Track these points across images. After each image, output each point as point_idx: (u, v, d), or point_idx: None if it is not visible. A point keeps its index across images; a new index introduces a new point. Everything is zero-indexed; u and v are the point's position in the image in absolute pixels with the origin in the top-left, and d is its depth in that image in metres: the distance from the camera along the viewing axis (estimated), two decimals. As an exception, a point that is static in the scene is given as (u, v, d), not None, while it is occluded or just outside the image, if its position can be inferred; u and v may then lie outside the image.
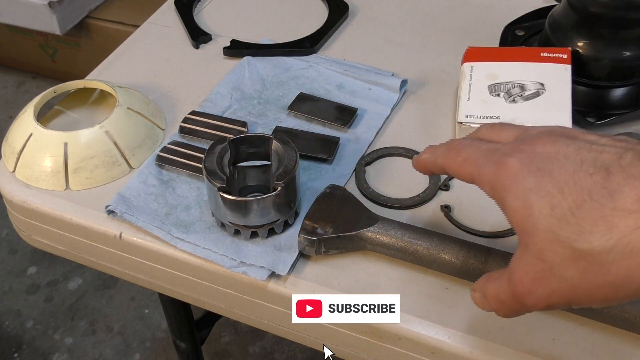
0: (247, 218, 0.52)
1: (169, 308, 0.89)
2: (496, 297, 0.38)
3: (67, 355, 1.39)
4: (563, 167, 0.35)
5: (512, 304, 0.37)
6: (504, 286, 0.37)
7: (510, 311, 0.38)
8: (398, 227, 0.51)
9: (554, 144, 0.36)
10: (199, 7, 0.82)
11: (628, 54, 0.61)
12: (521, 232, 0.36)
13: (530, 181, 0.35)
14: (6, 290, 1.52)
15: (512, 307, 0.38)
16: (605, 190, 0.33)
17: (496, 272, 0.39)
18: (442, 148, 0.43)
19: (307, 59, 0.72)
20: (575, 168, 0.34)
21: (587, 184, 0.33)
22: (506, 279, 0.37)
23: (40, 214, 0.59)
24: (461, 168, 0.40)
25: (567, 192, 0.34)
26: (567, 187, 0.34)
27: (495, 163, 0.37)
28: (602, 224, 0.32)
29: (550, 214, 0.34)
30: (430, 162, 0.44)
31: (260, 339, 1.40)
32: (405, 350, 0.49)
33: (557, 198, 0.34)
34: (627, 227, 0.32)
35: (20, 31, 1.91)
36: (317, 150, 0.61)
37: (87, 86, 0.66)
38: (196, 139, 0.63)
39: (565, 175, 0.34)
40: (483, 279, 0.40)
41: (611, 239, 0.32)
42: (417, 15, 0.80)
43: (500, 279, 0.38)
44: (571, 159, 0.35)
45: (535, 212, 0.34)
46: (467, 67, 0.64)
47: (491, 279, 0.39)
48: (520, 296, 0.36)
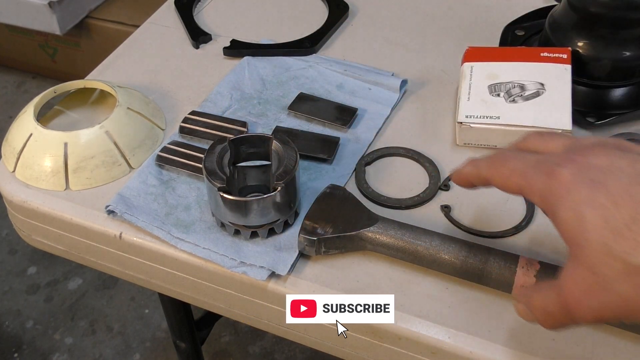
0: (247, 218, 0.52)
1: (169, 308, 0.90)
2: (543, 309, 0.38)
3: (67, 355, 1.39)
4: (617, 179, 0.34)
5: (560, 316, 0.37)
6: (552, 297, 0.37)
7: (557, 323, 0.38)
8: (398, 227, 0.51)
9: (608, 156, 0.36)
10: (199, 7, 0.82)
11: (628, 54, 0.61)
12: (572, 244, 0.35)
13: (583, 193, 0.34)
14: (6, 290, 1.52)
15: (559, 319, 0.37)
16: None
17: (544, 284, 0.39)
18: (485, 160, 0.42)
19: (307, 59, 0.72)
20: (631, 181, 0.34)
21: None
22: (555, 290, 0.37)
23: (40, 214, 0.59)
24: (508, 179, 0.39)
25: (622, 205, 0.33)
26: (621, 200, 0.33)
27: (546, 174, 0.37)
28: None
29: (604, 226, 0.33)
30: (474, 175, 0.43)
31: (260, 339, 1.40)
32: (405, 350, 0.49)
33: (611, 211, 0.33)
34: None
35: (20, 31, 1.91)
36: (317, 150, 0.61)
37: (87, 86, 0.66)
38: (196, 139, 0.63)
39: (620, 188, 0.34)
40: (528, 290, 0.40)
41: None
42: (417, 15, 0.80)
43: (548, 290, 0.37)
44: (626, 172, 0.34)
45: (588, 224, 0.34)
46: (467, 67, 0.64)
47: (538, 290, 0.39)
48: (570, 308, 0.36)
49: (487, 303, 0.49)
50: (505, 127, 0.59)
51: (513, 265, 0.48)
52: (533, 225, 0.55)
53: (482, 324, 0.48)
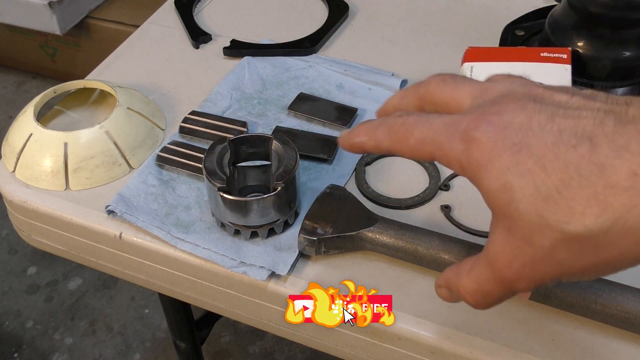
0: (247, 218, 0.52)
1: (169, 308, 0.89)
2: (478, 290, 0.35)
3: (67, 355, 1.39)
4: (540, 139, 0.31)
5: (498, 293, 0.35)
6: (486, 276, 0.35)
7: (494, 301, 0.35)
8: (398, 227, 0.51)
9: (524, 110, 0.32)
10: (199, 7, 0.82)
11: (628, 54, 0.61)
12: (502, 215, 0.33)
13: (507, 159, 0.31)
14: (6, 290, 1.52)
15: (497, 297, 0.35)
16: (594, 165, 0.30)
17: (463, 264, 0.36)
18: (383, 129, 0.38)
19: (307, 59, 0.72)
20: (555, 140, 0.31)
21: (572, 159, 0.30)
22: (489, 268, 0.34)
23: (40, 214, 0.59)
24: (418, 150, 0.36)
25: (550, 168, 0.30)
26: (549, 163, 0.30)
27: (462, 140, 0.33)
28: (595, 204, 0.29)
29: (535, 195, 0.31)
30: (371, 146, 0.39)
31: (260, 339, 1.40)
32: (405, 350, 0.49)
33: (540, 176, 0.30)
34: (622, 205, 0.29)
35: (20, 31, 1.91)
36: (317, 150, 0.61)
37: (87, 86, 0.66)
38: (196, 139, 0.63)
39: (545, 149, 0.31)
40: (450, 273, 0.37)
41: (607, 220, 0.29)
42: (417, 15, 0.80)
43: (479, 270, 0.35)
44: (547, 129, 0.31)
45: (517, 194, 0.31)
46: (467, 67, 0.64)
47: (466, 273, 0.36)
48: (509, 282, 0.34)
49: (487, 303, 0.49)
50: (505, 127, 0.59)
51: (513, 265, 0.48)
52: (533, 225, 0.55)
53: (482, 324, 0.48)
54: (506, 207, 0.32)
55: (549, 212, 0.30)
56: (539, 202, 0.31)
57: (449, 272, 0.38)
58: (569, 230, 0.30)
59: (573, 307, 0.47)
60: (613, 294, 0.46)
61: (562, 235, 0.30)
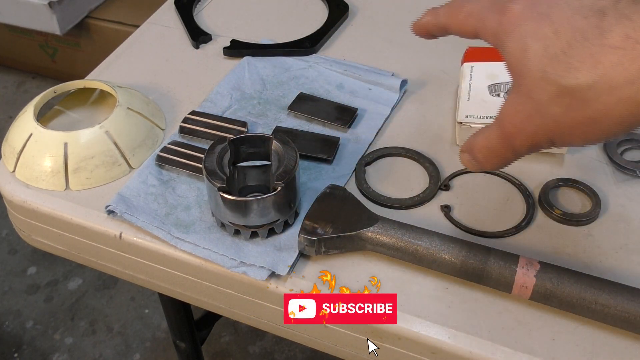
0: (247, 218, 0.52)
1: (169, 308, 0.90)
2: (485, 146, 0.40)
3: (67, 355, 1.39)
4: (562, 10, 0.35)
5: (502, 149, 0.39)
6: (493, 132, 0.39)
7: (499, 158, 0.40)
8: (398, 227, 0.51)
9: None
10: (199, 7, 0.82)
11: (628, 54, 0.61)
12: (515, 74, 0.37)
13: (530, 25, 0.36)
14: (6, 290, 1.52)
15: (501, 154, 0.39)
16: (597, 29, 0.34)
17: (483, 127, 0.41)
18: (443, 8, 0.43)
19: (307, 59, 0.72)
20: (573, 12, 0.35)
21: (581, 25, 0.34)
22: (495, 124, 0.39)
23: (40, 214, 0.59)
24: (464, 23, 0.41)
25: (562, 33, 0.35)
26: (562, 29, 0.35)
27: (499, 11, 0.38)
28: (589, 61, 0.33)
29: (543, 54, 0.35)
30: (432, 24, 0.45)
31: (260, 339, 1.40)
32: (405, 350, 0.49)
33: (551, 39, 0.35)
34: (610, 62, 0.33)
35: (20, 31, 1.91)
36: (317, 150, 0.61)
37: (87, 86, 0.66)
38: (196, 139, 0.63)
39: (562, 18, 0.35)
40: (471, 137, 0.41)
41: (595, 75, 0.33)
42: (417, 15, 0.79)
43: (489, 127, 0.40)
44: (571, 4, 0.35)
45: (530, 53, 0.36)
46: (467, 67, 0.64)
47: (480, 132, 0.41)
48: (509, 137, 0.38)
49: (487, 303, 0.49)
50: (505, 127, 0.59)
51: (513, 265, 0.48)
52: (533, 225, 0.55)
53: (482, 324, 0.48)
54: (519, 66, 0.36)
55: (551, 68, 0.35)
56: (545, 60, 0.35)
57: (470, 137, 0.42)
58: (563, 83, 0.34)
59: (573, 307, 0.47)
60: (613, 294, 0.46)
61: (557, 88, 0.35)
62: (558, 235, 0.54)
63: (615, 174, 0.59)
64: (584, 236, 0.54)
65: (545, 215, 0.56)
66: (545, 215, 0.56)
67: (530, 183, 0.58)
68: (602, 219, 0.55)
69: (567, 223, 0.55)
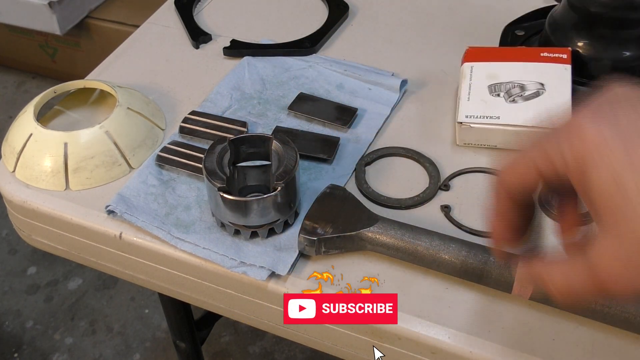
0: (247, 218, 0.52)
1: (169, 308, 0.89)
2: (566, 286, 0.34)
3: (67, 355, 1.39)
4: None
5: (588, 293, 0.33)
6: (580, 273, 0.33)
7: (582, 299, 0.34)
8: (398, 227, 0.51)
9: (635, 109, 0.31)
10: (199, 7, 0.82)
11: (628, 54, 0.61)
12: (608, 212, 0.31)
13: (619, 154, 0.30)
14: (6, 290, 1.52)
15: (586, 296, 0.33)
16: None
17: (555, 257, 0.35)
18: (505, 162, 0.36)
19: (307, 59, 0.72)
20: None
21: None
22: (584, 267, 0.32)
23: (40, 214, 0.59)
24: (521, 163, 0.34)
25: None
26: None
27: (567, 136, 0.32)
28: None
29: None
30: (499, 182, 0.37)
31: (260, 339, 1.40)
32: (405, 350, 0.49)
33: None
34: None
35: (20, 31, 1.91)
36: (317, 150, 0.61)
37: (87, 86, 0.66)
38: (196, 139, 0.63)
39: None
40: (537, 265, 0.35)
41: None
42: (417, 15, 0.80)
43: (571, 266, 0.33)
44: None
45: (630, 190, 0.29)
46: (467, 67, 0.64)
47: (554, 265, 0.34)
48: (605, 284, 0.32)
49: (487, 303, 0.49)
50: (505, 127, 0.59)
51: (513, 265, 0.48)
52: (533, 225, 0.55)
53: (482, 324, 0.48)
54: (617, 204, 0.30)
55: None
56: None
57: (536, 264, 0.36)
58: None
59: (573, 307, 0.47)
60: (613, 294, 0.46)
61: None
62: (558, 235, 0.54)
63: (615, 174, 0.59)
64: (584, 236, 0.54)
65: (545, 215, 0.56)
66: (545, 215, 0.56)
67: (530, 183, 0.58)
68: (602, 219, 0.55)
69: (567, 223, 0.55)
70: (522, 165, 0.34)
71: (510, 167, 0.35)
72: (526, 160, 0.34)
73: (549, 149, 0.32)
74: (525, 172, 0.34)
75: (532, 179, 0.34)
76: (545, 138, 0.33)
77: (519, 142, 0.35)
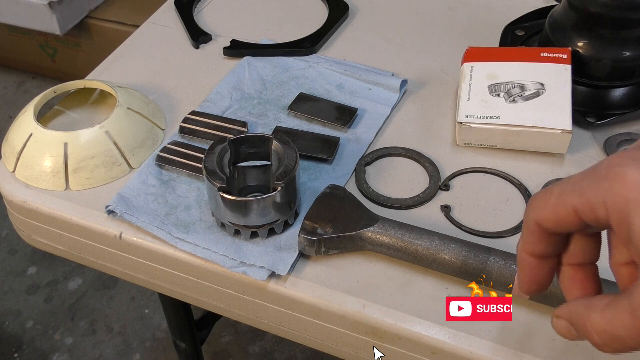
0: (247, 218, 0.52)
1: (169, 308, 0.90)
2: (609, 332, 0.31)
3: (67, 355, 1.39)
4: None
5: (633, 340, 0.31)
6: (623, 319, 0.31)
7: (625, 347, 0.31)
8: (398, 227, 0.51)
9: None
10: (199, 7, 0.82)
11: (628, 54, 0.61)
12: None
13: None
14: (6, 290, 1.52)
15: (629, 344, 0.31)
16: None
17: (596, 300, 0.33)
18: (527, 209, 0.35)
19: (307, 59, 0.72)
20: None
21: None
22: (627, 312, 0.30)
23: (40, 214, 0.59)
24: (559, 207, 0.32)
25: None
26: None
27: (605, 179, 0.30)
28: None
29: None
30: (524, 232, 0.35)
31: (260, 339, 1.40)
32: (405, 350, 0.49)
33: None
34: None
35: (20, 31, 1.91)
36: (317, 150, 0.61)
37: (87, 86, 0.66)
38: (196, 139, 0.63)
39: None
40: (576, 305, 0.34)
41: None
42: (417, 15, 0.80)
43: (612, 309, 0.31)
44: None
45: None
46: (467, 67, 0.64)
47: (594, 308, 0.32)
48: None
49: (487, 303, 0.49)
50: (505, 127, 0.59)
51: (513, 265, 0.48)
52: (533, 225, 0.55)
53: (482, 324, 0.48)
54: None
55: None
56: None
57: (575, 304, 0.34)
58: None
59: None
60: (613, 294, 0.46)
61: None
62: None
63: (615, 174, 0.59)
64: (584, 236, 0.54)
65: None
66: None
67: (530, 183, 0.58)
68: (602, 219, 0.55)
69: (567, 223, 0.55)
70: (562, 210, 0.33)
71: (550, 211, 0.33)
72: (567, 206, 0.32)
73: (591, 196, 0.31)
74: (565, 216, 0.33)
75: (571, 224, 0.33)
76: (586, 183, 0.32)
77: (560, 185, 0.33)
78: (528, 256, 0.35)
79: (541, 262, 0.35)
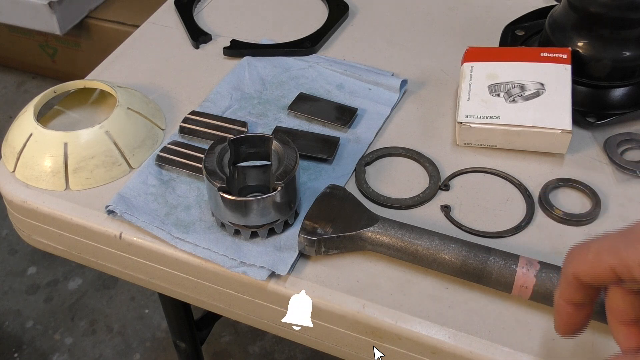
0: (247, 218, 0.52)
1: (169, 308, 0.90)
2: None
3: (67, 355, 1.39)
4: None
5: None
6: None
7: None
8: (398, 227, 0.51)
9: None
10: (199, 7, 0.82)
11: (628, 54, 0.61)
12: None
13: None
14: (6, 290, 1.52)
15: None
16: None
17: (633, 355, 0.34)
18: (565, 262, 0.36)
19: (307, 59, 0.72)
20: None
21: None
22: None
23: (40, 214, 0.59)
24: (596, 265, 0.34)
25: None
26: None
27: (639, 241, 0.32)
28: None
29: None
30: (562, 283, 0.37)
31: (260, 339, 1.40)
32: (405, 350, 0.49)
33: None
34: None
35: (20, 31, 1.91)
36: (317, 150, 0.61)
37: (87, 86, 0.66)
38: (196, 139, 0.63)
39: None
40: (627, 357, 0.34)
41: None
42: (417, 15, 0.80)
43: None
44: None
45: None
46: (467, 67, 0.64)
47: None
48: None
49: (487, 303, 0.49)
50: (505, 127, 0.59)
51: (513, 265, 0.48)
52: (533, 225, 0.55)
53: (482, 324, 0.48)
54: None
55: None
56: None
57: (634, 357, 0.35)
58: None
59: None
60: (613, 294, 0.46)
61: None
62: (558, 235, 0.54)
63: (615, 174, 0.59)
64: (584, 236, 0.54)
65: (545, 215, 0.56)
66: (545, 215, 0.56)
67: (530, 183, 0.58)
68: (602, 219, 0.55)
69: (567, 223, 0.55)
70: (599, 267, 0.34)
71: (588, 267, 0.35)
72: (603, 264, 0.34)
73: (626, 257, 0.32)
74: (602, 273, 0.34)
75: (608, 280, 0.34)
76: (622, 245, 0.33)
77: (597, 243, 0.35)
78: (565, 304, 0.37)
79: (577, 309, 0.37)
